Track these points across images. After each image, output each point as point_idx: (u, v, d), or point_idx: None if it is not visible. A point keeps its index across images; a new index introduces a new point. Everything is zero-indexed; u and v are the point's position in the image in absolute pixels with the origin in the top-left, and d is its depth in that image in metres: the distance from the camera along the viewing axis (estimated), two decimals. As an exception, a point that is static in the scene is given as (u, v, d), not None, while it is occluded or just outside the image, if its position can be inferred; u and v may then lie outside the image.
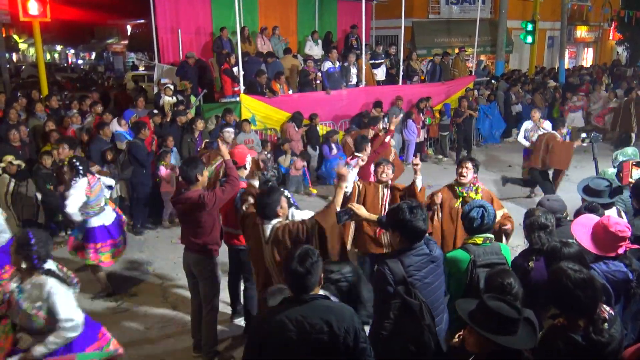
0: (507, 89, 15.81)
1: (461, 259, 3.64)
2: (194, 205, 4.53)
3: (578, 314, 2.67)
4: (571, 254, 3.18)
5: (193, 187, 4.60)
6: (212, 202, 4.51)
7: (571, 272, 2.69)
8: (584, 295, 2.62)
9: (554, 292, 2.73)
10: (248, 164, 5.25)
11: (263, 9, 14.75)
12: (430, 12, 22.28)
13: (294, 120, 10.84)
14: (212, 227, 4.73)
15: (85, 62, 52.11)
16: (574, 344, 2.63)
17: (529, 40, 20.20)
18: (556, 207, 4.22)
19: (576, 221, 3.73)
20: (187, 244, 4.86)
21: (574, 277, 2.66)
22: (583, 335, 2.64)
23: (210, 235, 4.72)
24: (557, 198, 4.42)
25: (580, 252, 3.26)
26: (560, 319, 2.73)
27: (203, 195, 4.49)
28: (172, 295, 6.38)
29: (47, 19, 10.73)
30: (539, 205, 4.28)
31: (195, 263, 4.81)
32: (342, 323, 2.76)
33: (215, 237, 4.78)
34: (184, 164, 4.71)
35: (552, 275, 2.80)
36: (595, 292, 2.64)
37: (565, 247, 3.22)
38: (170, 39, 13.19)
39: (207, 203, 4.48)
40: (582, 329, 2.65)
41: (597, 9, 26.21)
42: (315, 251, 2.92)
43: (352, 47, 14.44)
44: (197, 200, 4.49)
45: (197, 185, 4.63)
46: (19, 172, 7.82)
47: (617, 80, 19.48)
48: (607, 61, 27.47)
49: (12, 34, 44.86)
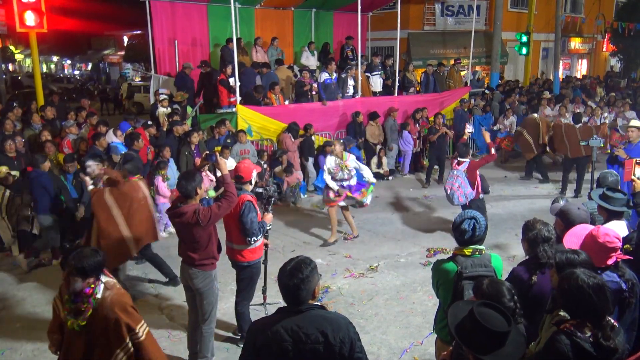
0: (502, 99, 15.91)
1: (449, 270, 3.64)
2: (189, 220, 4.51)
3: (590, 319, 2.68)
4: (586, 261, 3.18)
5: (191, 201, 4.58)
6: (206, 219, 4.48)
7: (585, 276, 2.73)
8: (598, 300, 2.65)
9: (568, 296, 2.74)
10: (254, 179, 5.25)
11: (259, 20, 14.85)
12: (426, 24, 22.44)
13: (290, 130, 10.86)
14: (208, 242, 4.69)
15: (81, 72, 52.16)
16: (581, 349, 2.63)
17: (524, 51, 20.38)
18: (584, 216, 4.12)
19: (570, 232, 3.73)
20: (183, 257, 4.84)
21: (589, 281, 2.70)
22: (591, 341, 2.65)
23: (205, 250, 4.69)
24: (585, 208, 4.32)
25: (590, 261, 3.26)
26: (567, 324, 2.73)
27: (198, 210, 4.47)
28: (168, 306, 6.35)
29: (44, 30, 10.74)
30: (563, 211, 4.19)
31: (191, 276, 4.77)
32: (337, 333, 2.77)
33: (210, 252, 4.75)
34: (182, 178, 4.66)
35: (566, 279, 2.80)
36: (607, 298, 2.68)
37: (579, 257, 3.22)
38: (167, 49, 13.25)
39: (202, 219, 4.46)
40: (591, 335, 2.66)
41: (590, 21, 26.43)
42: (309, 263, 2.91)
43: (348, 58, 14.54)
44: (192, 216, 4.47)
45: (195, 200, 4.60)
46: (14, 182, 7.81)
47: (611, 91, 19.62)
48: (601, 72, 27.69)
49: (8, 44, 44.92)
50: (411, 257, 7.71)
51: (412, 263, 7.50)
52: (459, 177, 8.01)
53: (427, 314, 5.91)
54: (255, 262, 5.26)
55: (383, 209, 10.12)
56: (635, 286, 3.43)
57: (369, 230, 8.95)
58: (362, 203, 8.29)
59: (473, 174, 8.01)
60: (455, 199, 8.04)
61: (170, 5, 13.05)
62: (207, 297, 4.81)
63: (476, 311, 2.53)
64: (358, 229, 8.84)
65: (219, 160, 4.95)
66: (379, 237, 8.60)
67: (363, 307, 6.22)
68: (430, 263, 6.93)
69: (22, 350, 5.42)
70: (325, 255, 7.81)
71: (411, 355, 5.25)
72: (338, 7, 16.18)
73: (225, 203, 4.59)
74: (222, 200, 4.63)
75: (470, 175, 8.00)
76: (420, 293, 6.51)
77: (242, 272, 5.24)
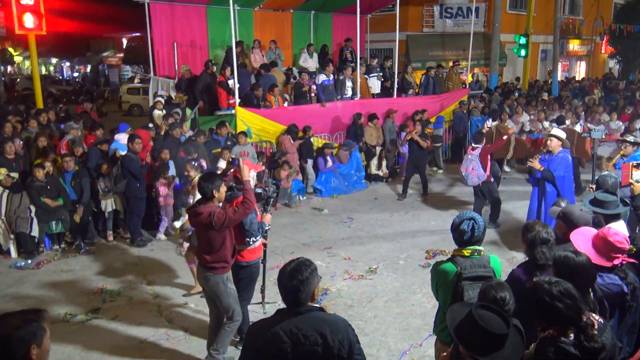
0: (500, 101, 15.93)
1: (448, 271, 3.64)
2: (204, 222, 4.54)
3: (564, 325, 2.69)
4: (583, 262, 3.17)
5: (208, 202, 4.61)
6: (220, 222, 4.49)
7: (547, 285, 2.71)
8: (564, 306, 2.64)
9: (536, 307, 2.75)
10: (252, 179, 5.23)
11: (258, 22, 14.87)
12: (425, 26, 22.49)
13: (290, 132, 10.86)
14: (221, 245, 4.68)
15: (80, 74, 52.15)
16: (566, 353, 2.64)
17: (522, 53, 20.43)
18: (587, 218, 4.12)
19: (576, 231, 3.74)
20: (199, 259, 4.87)
21: (550, 290, 2.69)
22: (575, 343, 2.65)
23: (217, 254, 4.69)
24: (587, 210, 4.33)
25: (589, 261, 3.26)
26: (550, 330, 2.74)
27: (213, 213, 4.48)
28: (166, 308, 6.33)
29: (43, 32, 10.74)
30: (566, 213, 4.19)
31: (204, 278, 4.81)
32: (336, 335, 2.77)
33: (222, 256, 4.74)
34: (202, 179, 4.70)
35: (529, 292, 2.81)
36: (575, 301, 2.66)
37: (577, 257, 3.21)
38: (166, 52, 13.25)
39: (216, 222, 4.47)
40: (574, 338, 2.66)
41: (589, 23, 26.50)
42: (309, 265, 2.91)
43: (347, 60, 14.56)
44: (207, 217, 4.50)
45: (213, 202, 4.62)
46: (13, 184, 7.81)
47: (610, 93, 19.66)
48: (600, 74, 27.73)
49: (7, 46, 44.95)
50: (410, 259, 7.71)
51: (411, 265, 7.50)
52: (472, 161, 8.81)
53: (426, 315, 5.90)
54: (255, 262, 5.27)
55: (382, 211, 10.11)
56: (636, 289, 3.43)
57: (368, 232, 8.95)
58: None
59: (485, 159, 8.82)
60: (469, 180, 8.84)
61: (170, 7, 13.06)
62: (223, 299, 4.82)
63: (475, 313, 2.54)
64: (357, 230, 8.83)
65: (241, 166, 4.90)
66: (378, 239, 8.59)
67: (362, 309, 6.21)
68: (430, 265, 6.93)
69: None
70: (325, 257, 7.80)
71: (410, 357, 5.24)
72: (337, 9, 16.21)
73: (241, 209, 4.61)
74: (238, 205, 4.63)
75: (483, 160, 8.77)
76: (420, 295, 6.50)
77: (242, 272, 5.23)
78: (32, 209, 7.86)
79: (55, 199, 7.99)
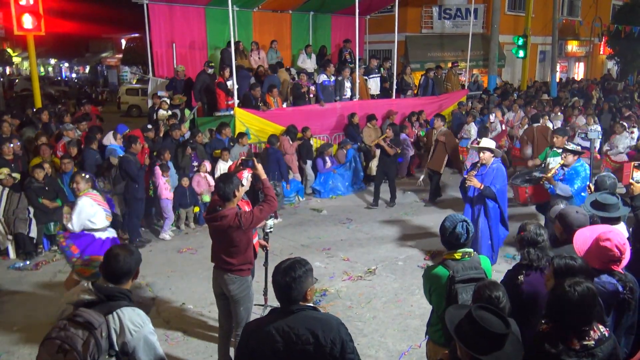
0: (498, 102, 15.92)
1: (441, 275, 3.63)
2: (230, 224, 4.41)
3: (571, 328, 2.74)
4: (583, 267, 3.21)
5: (229, 204, 4.46)
6: (248, 222, 4.40)
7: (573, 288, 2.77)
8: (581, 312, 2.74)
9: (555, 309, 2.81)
10: (245, 179, 5.14)
11: (257, 23, 14.88)
12: (423, 27, 22.50)
13: (289, 133, 10.86)
14: (247, 246, 4.60)
15: (79, 75, 52.13)
16: None
17: (521, 54, 20.45)
18: (582, 220, 4.08)
19: (581, 230, 3.76)
20: (218, 263, 4.69)
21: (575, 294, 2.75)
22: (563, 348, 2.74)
23: (244, 255, 4.59)
24: (584, 212, 4.27)
25: (587, 265, 3.28)
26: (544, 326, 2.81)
27: (240, 214, 4.37)
28: (165, 309, 6.33)
29: (42, 32, 10.74)
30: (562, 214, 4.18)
31: (227, 283, 4.62)
32: (328, 334, 2.77)
33: (249, 257, 4.67)
34: (220, 181, 4.52)
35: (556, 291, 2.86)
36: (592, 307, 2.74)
37: (577, 263, 3.23)
38: (165, 52, 13.26)
39: (244, 222, 4.37)
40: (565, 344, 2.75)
41: (587, 24, 26.52)
42: (304, 264, 2.91)
43: (346, 61, 14.56)
44: (233, 219, 4.37)
45: (233, 203, 4.50)
46: (12, 185, 7.81)
47: (608, 94, 19.67)
48: (598, 75, 27.75)
49: (6, 47, 44.91)
50: (409, 260, 7.71)
51: (410, 266, 7.50)
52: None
53: (425, 316, 5.87)
54: None
55: (381, 212, 10.12)
56: (634, 290, 3.43)
57: (366, 233, 8.95)
58: None
59: None
60: None
61: (168, 8, 13.06)
62: (243, 303, 4.70)
63: (475, 314, 2.57)
64: (356, 231, 8.82)
65: (256, 165, 4.84)
66: (377, 240, 8.59)
67: (361, 310, 6.21)
68: (429, 266, 6.93)
69: (19, 354, 5.39)
70: (324, 258, 7.80)
71: (409, 358, 5.25)
72: (336, 10, 16.23)
73: (266, 207, 4.54)
74: (263, 204, 4.56)
75: None
76: (419, 296, 6.49)
77: None
78: (31, 210, 7.86)
79: (54, 200, 7.99)
